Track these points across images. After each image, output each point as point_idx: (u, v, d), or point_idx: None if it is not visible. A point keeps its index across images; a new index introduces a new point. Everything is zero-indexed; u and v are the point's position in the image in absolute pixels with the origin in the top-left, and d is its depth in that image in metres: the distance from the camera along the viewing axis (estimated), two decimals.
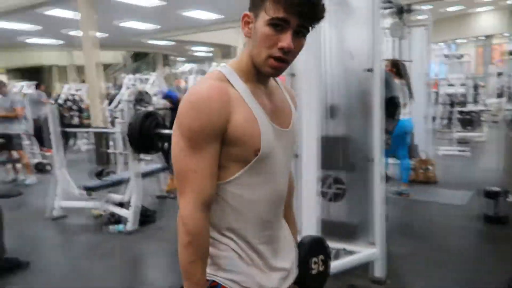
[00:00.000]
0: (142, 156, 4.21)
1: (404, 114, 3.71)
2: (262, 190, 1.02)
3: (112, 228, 3.87)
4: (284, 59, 0.97)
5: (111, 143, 5.19)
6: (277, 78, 1.15)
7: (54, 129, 4.16)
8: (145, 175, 4.31)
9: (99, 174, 4.24)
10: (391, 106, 3.01)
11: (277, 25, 0.93)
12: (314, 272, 1.26)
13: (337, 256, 2.65)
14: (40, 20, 11.34)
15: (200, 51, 20.49)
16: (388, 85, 2.97)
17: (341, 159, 2.55)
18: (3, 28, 12.20)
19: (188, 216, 0.94)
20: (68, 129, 4.61)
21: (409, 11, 4.26)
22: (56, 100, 8.99)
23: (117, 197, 4.12)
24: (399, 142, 3.99)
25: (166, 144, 4.02)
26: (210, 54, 20.46)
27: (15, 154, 5.92)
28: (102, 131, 5.35)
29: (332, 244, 2.67)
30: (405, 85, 3.89)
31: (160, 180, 5.07)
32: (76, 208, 4.33)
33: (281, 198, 1.10)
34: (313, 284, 1.26)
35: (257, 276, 1.04)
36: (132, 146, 3.77)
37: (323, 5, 0.96)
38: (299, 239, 1.29)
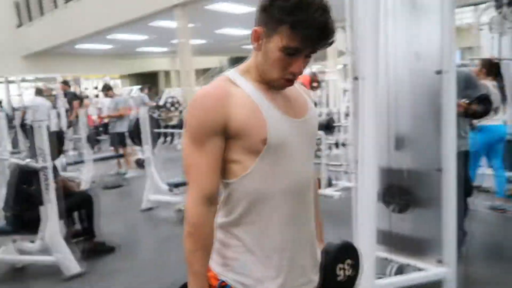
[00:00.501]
0: None
1: (496, 120, 3.29)
2: (281, 182, 1.02)
3: None
4: (294, 79, 1.04)
5: None
6: None
7: (144, 129, 4.61)
8: None
9: None
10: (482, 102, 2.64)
11: (290, 53, 0.98)
12: (340, 278, 1.20)
13: (400, 271, 2.48)
14: (151, 31, 12.60)
15: None
16: (471, 84, 2.68)
17: (406, 166, 2.38)
18: (123, 40, 13.85)
19: (189, 208, 1.00)
20: (160, 130, 5.06)
21: (510, 4, 3.76)
22: (157, 103, 9.90)
23: None
24: (490, 150, 3.55)
25: None
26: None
27: (120, 150, 6.70)
28: None
29: (396, 258, 2.52)
30: (497, 86, 3.45)
31: None
32: (163, 202, 4.74)
33: (305, 188, 1.08)
34: None
35: (271, 282, 1.04)
36: None
37: (334, 31, 0.98)
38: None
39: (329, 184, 4.95)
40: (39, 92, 8.10)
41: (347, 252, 1.23)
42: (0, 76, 13.31)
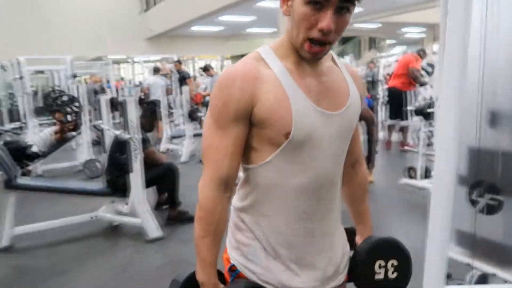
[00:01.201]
0: None
1: None
2: (299, 178, 0.94)
3: None
4: (324, 41, 0.88)
5: None
6: (336, 57, 1.04)
7: None
8: None
9: None
10: None
11: (316, 2, 0.84)
12: (378, 277, 1.10)
13: (484, 280, 2.14)
14: (258, 12, 12.83)
15: (411, 32, 19.01)
16: None
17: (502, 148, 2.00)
18: (232, 21, 14.42)
19: (202, 192, 0.96)
20: None
21: None
22: None
23: None
24: None
25: None
26: (423, 35, 18.74)
27: None
28: None
29: (480, 265, 2.18)
30: None
31: None
32: None
33: (326, 185, 0.98)
34: None
35: (280, 273, 0.98)
36: None
37: None
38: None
39: (426, 175, 4.51)
40: (156, 70, 8.89)
41: (393, 251, 1.11)
42: (128, 58, 14.97)
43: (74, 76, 7.28)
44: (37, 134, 5.57)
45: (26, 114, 6.67)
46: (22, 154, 4.54)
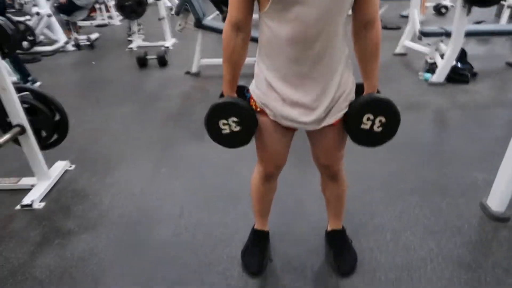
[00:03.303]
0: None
1: None
2: (287, 27, 1.15)
3: (421, 74, 4.04)
4: None
5: None
6: None
7: None
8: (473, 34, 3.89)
9: None
10: None
11: None
12: (364, 127, 1.33)
13: None
14: None
15: None
16: None
17: None
18: None
19: (223, 31, 1.30)
20: None
21: None
22: None
23: (444, 48, 4.05)
24: None
25: None
26: None
27: None
28: None
29: None
30: None
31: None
32: (415, 51, 4.64)
33: (311, 40, 1.17)
34: (359, 138, 1.36)
35: (274, 101, 1.31)
36: None
37: None
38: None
39: None
40: None
41: (384, 108, 1.30)
42: None
43: None
44: None
45: None
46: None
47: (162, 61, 4.81)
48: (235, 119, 1.34)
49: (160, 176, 2.46)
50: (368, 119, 1.32)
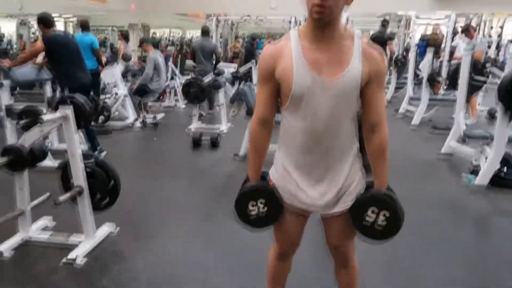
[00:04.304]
0: None
1: None
2: (300, 123, 1.38)
3: (464, 175, 3.99)
4: (321, 5, 1.22)
5: None
6: (358, 37, 1.33)
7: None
8: None
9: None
10: None
11: None
12: (368, 219, 1.43)
13: None
14: None
15: None
16: None
17: None
18: None
19: (251, 126, 1.53)
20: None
21: None
22: None
23: (489, 151, 4.03)
24: None
25: None
26: None
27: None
28: None
29: None
30: None
31: None
32: (461, 152, 4.63)
33: (321, 133, 1.36)
34: (365, 232, 1.46)
35: (289, 183, 1.48)
36: (503, 102, 3.54)
37: None
38: None
39: None
40: None
41: (386, 204, 1.41)
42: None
43: None
44: None
45: None
46: None
47: (214, 144, 5.22)
48: (263, 200, 1.50)
49: (194, 245, 2.65)
50: (373, 212, 1.42)
